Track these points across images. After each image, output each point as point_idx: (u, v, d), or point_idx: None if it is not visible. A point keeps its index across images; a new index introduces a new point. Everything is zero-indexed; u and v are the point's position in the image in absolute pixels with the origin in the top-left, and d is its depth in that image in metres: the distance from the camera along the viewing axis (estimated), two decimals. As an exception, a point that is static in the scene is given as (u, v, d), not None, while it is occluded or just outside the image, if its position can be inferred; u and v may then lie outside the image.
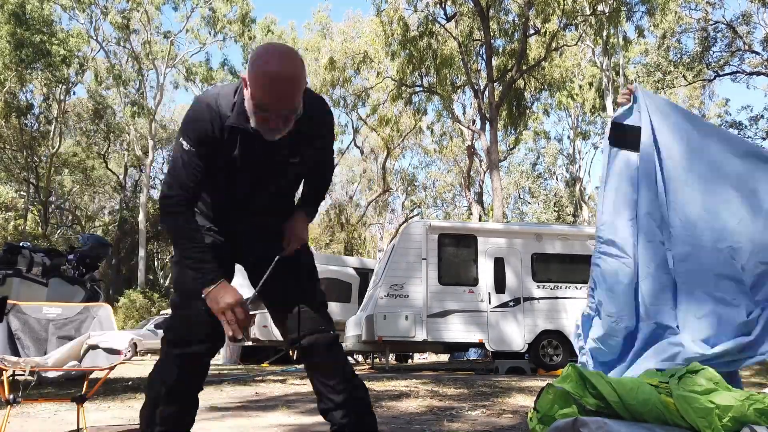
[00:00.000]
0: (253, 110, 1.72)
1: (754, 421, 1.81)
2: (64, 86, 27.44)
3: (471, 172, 30.05)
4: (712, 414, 1.81)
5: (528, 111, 25.40)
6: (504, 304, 9.71)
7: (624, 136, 2.46)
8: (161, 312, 21.71)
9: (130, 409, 4.29)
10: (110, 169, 33.94)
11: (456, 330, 9.54)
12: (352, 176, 38.23)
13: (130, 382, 6.07)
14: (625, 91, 2.52)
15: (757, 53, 23.29)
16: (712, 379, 1.92)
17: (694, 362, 2.00)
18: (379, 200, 35.57)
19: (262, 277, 1.94)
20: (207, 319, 1.85)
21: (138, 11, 27.19)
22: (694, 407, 1.84)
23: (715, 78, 24.81)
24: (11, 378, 2.93)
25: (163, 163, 36.51)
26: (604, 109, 25.05)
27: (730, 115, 31.12)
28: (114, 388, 5.46)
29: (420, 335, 9.35)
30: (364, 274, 13.66)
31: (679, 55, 23.81)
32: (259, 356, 13.14)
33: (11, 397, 2.85)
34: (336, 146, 36.67)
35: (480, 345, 9.95)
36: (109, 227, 34.71)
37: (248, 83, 1.70)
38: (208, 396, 4.85)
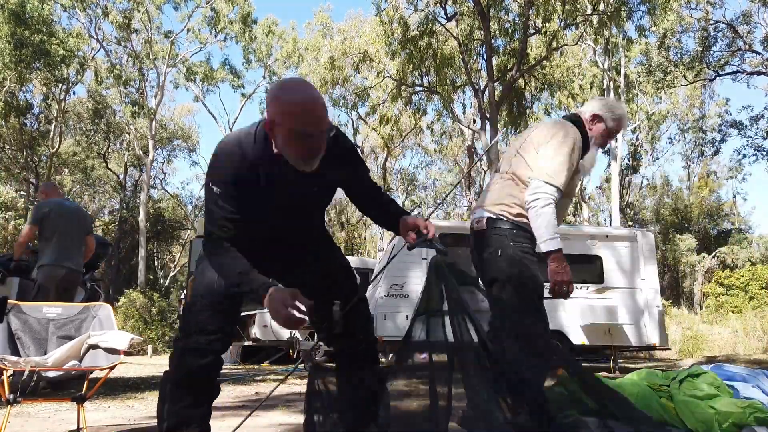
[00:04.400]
0: (293, 143, 1.80)
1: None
2: (63, 86, 27.38)
3: (471, 172, 30.04)
4: (712, 420, 1.80)
5: (528, 111, 25.34)
6: (504, 304, 9.70)
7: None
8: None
9: (130, 409, 4.29)
10: (110, 169, 33.89)
11: (456, 330, 9.53)
12: (352, 176, 38.16)
13: (130, 382, 6.07)
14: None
15: (757, 53, 23.27)
16: (713, 383, 1.91)
17: (695, 366, 2.00)
18: (379, 200, 35.49)
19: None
20: (208, 311, 2.01)
21: (139, 11, 27.17)
22: (694, 412, 1.83)
23: (715, 78, 24.80)
24: (11, 378, 2.92)
25: (163, 163, 36.46)
26: (604, 108, 24.97)
27: (731, 114, 31.14)
28: (114, 388, 5.45)
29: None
30: (365, 273, 13.64)
31: (679, 55, 23.81)
32: (259, 356, 13.13)
33: (11, 396, 2.85)
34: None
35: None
36: (109, 227, 34.65)
37: (281, 120, 1.78)
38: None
